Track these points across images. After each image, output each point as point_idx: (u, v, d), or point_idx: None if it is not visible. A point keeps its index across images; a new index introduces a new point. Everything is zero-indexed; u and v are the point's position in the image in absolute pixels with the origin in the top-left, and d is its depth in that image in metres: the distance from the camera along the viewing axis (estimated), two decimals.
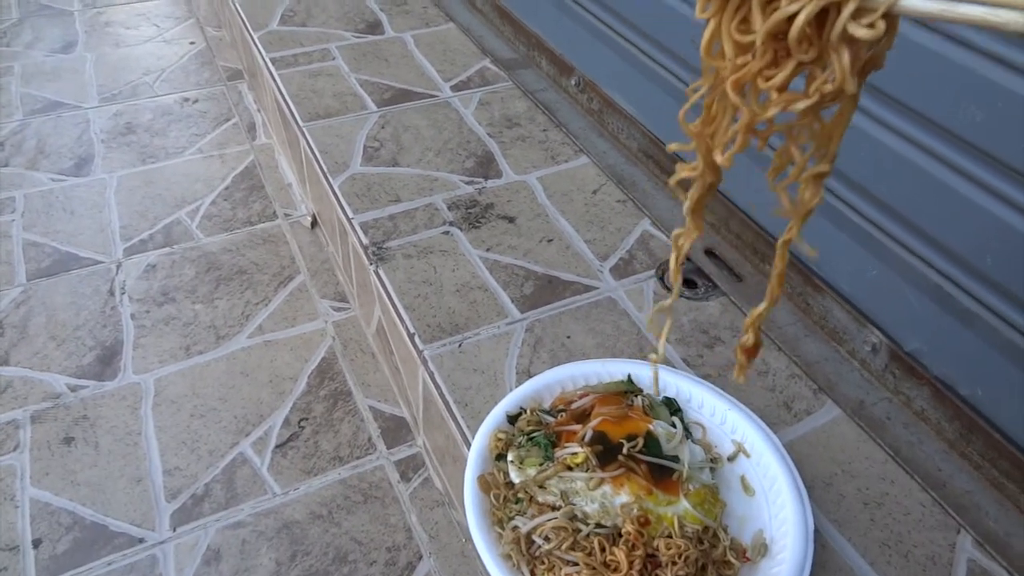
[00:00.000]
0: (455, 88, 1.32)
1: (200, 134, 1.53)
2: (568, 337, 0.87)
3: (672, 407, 0.74)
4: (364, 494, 0.91)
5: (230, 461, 0.95)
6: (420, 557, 0.85)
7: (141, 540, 0.86)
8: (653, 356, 0.49)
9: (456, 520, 0.89)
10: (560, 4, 1.26)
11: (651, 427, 0.68)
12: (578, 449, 0.65)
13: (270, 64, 1.37)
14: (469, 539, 0.86)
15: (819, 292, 0.88)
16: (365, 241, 0.99)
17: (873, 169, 0.77)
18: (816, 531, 0.67)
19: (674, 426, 0.71)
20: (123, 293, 1.17)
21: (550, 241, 1.01)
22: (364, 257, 0.99)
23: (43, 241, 1.26)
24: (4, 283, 1.18)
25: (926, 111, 0.70)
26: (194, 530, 0.87)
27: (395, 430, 0.99)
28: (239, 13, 1.55)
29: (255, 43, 1.45)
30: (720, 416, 0.75)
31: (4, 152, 1.45)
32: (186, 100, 1.64)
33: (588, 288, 0.94)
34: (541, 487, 0.64)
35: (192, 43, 1.85)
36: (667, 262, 0.98)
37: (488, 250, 0.99)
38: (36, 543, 0.86)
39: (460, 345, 0.86)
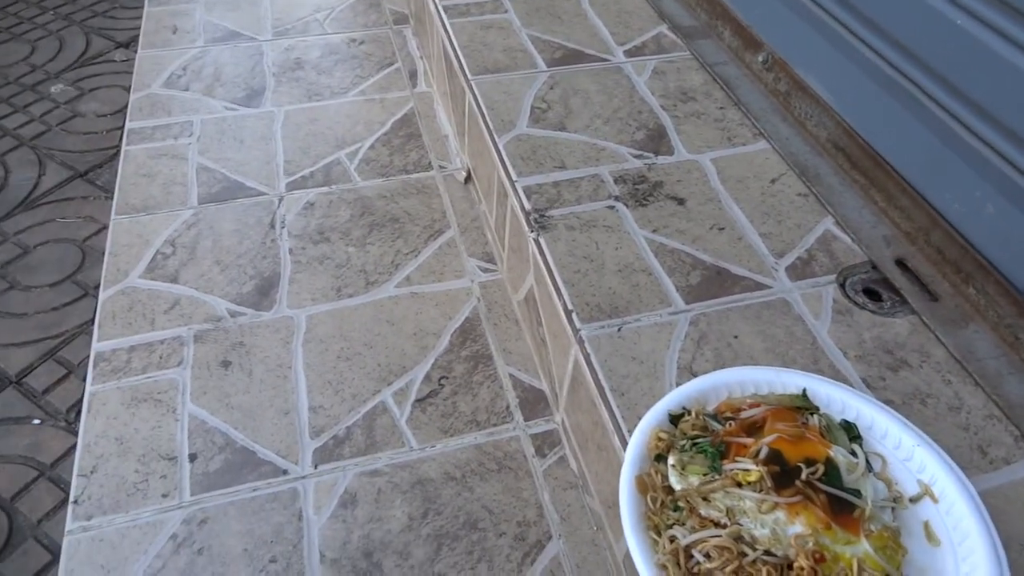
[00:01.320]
0: (628, 53, 1.26)
1: (364, 76, 1.55)
2: (735, 337, 0.81)
3: (852, 432, 0.68)
4: (498, 463, 0.91)
5: (371, 408, 0.96)
6: (550, 537, 0.84)
7: (285, 472, 0.89)
8: None
9: (589, 506, 0.86)
10: None
11: (830, 453, 0.62)
12: (752, 466, 0.60)
13: (442, 12, 1.35)
14: (601, 528, 0.83)
15: None
16: (527, 206, 0.97)
17: None
18: None
19: (854, 455, 0.64)
20: (283, 227, 1.21)
21: (721, 229, 0.94)
22: (524, 223, 0.96)
23: (214, 167, 1.31)
24: (179, 204, 1.24)
25: None
26: (334, 471, 0.89)
27: (533, 402, 0.98)
28: None
29: None
30: (906, 451, 0.68)
31: (186, 77, 1.52)
32: (352, 41, 1.66)
33: (760, 286, 0.87)
34: (705, 499, 0.60)
35: None
36: (851, 268, 0.89)
37: (655, 231, 0.93)
38: (192, 457, 0.90)
39: (619, 329, 0.82)
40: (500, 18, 1.34)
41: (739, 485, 0.60)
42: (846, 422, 0.69)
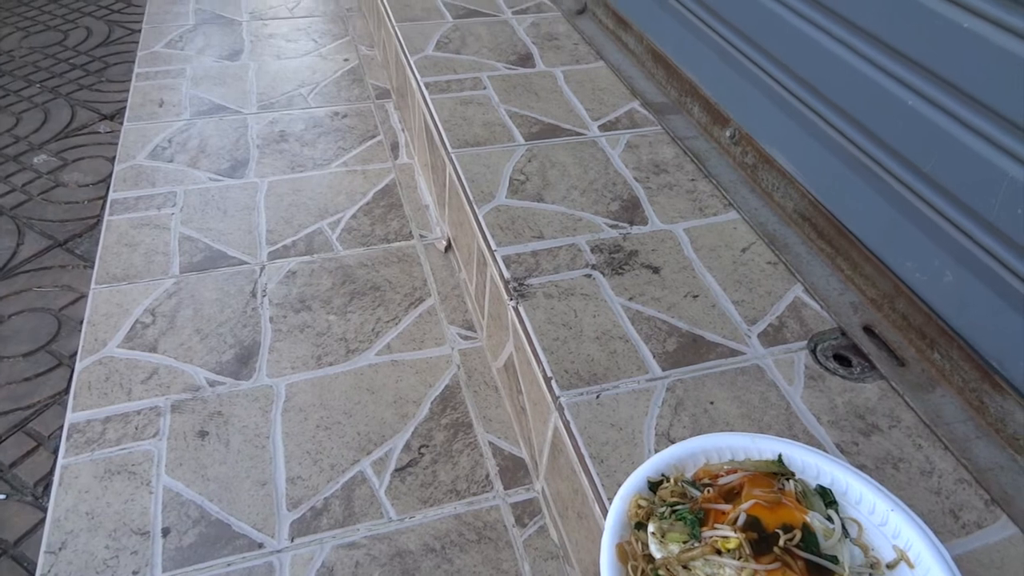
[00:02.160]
0: (603, 128, 1.31)
1: (346, 148, 1.59)
2: (711, 403, 0.83)
3: (827, 498, 0.69)
4: (478, 533, 0.90)
5: (350, 478, 0.95)
6: None
7: (260, 545, 0.88)
8: None
9: None
10: (723, 52, 1.23)
11: (807, 519, 0.63)
12: (731, 533, 0.60)
13: (423, 88, 1.40)
14: None
15: (998, 391, 0.80)
16: (507, 275, 0.99)
17: None
18: None
19: (831, 520, 0.65)
20: (264, 296, 1.22)
21: (695, 297, 0.97)
22: (503, 291, 0.98)
23: (197, 236, 1.33)
24: (160, 273, 1.25)
25: None
26: (311, 544, 0.88)
27: (513, 471, 0.97)
28: (397, 36, 1.60)
29: (410, 66, 1.49)
30: (881, 516, 0.68)
31: (171, 149, 1.55)
32: (336, 114, 1.70)
33: (734, 352, 0.89)
34: (685, 567, 0.60)
35: (346, 60, 1.93)
36: (821, 334, 0.92)
37: (631, 299, 0.96)
38: (165, 531, 0.89)
39: (598, 396, 0.83)
40: (479, 94, 1.39)
41: (719, 552, 0.60)
42: (821, 487, 0.70)
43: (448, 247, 1.33)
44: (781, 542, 0.59)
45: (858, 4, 0.92)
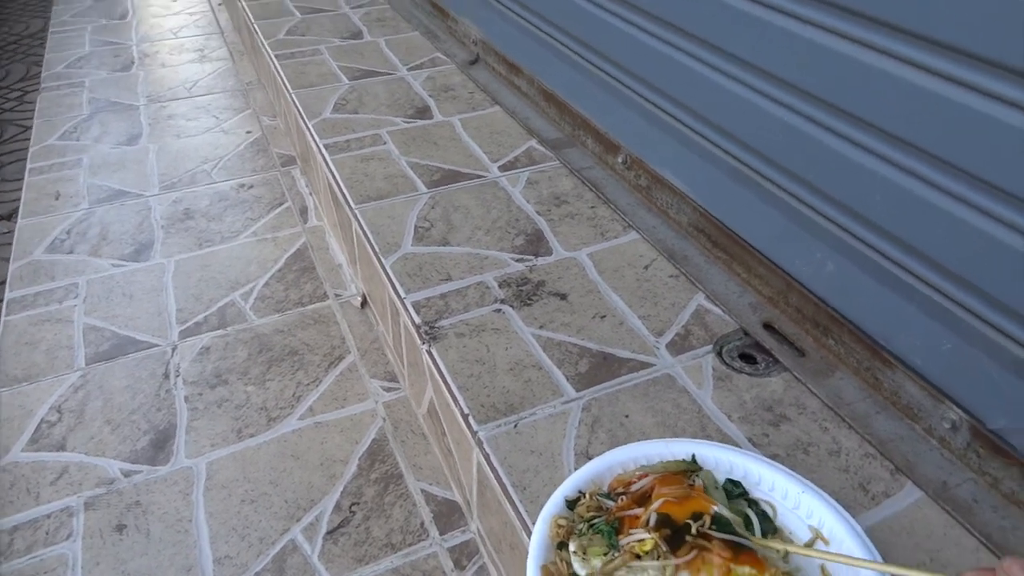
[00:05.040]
0: (503, 168, 1.35)
1: (254, 218, 1.58)
2: (626, 416, 0.84)
3: (737, 490, 0.71)
4: None
5: (280, 549, 0.92)
6: None
7: None
8: None
9: None
10: (605, 85, 1.29)
11: (715, 508, 0.65)
12: (645, 535, 0.61)
13: (323, 150, 1.42)
14: None
15: (889, 367, 0.84)
16: (417, 320, 0.99)
17: (942, 238, 0.74)
18: None
19: (745, 516, 0.67)
20: (177, 376, 1.18)
21: (603, 317, 0.99)
22: (416, 336, 0.99)
23: (103, 325, 1.29)
24: (64, 368, 1.20)
25: (999, 182, 0.68)
26: None
27: (448, 515, 0.96)
28: (295, 103, 1.62)
29: (309, 130, 1.50)
30: (793, 499, 0.71)
31: (70, 240, 1.51)
32: (242, 186, 1.70)
33: (645, 365, 0.91)
34: None
35: (248, 132, 1.93)
36: (725, 337, 0.95)
37: (541, 327, 0.97)
38: None
39: (516, 426, 0.84)
40: (380, 150, 1.41)
41: (638, 557, 0.61)
42: (732, 480, 0.72)
43: (364, 303, 1.33)
44: (693, 530, 0.61)
45: (716, 28, 0.98)
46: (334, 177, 1.35)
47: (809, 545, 0.68)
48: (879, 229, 0.82)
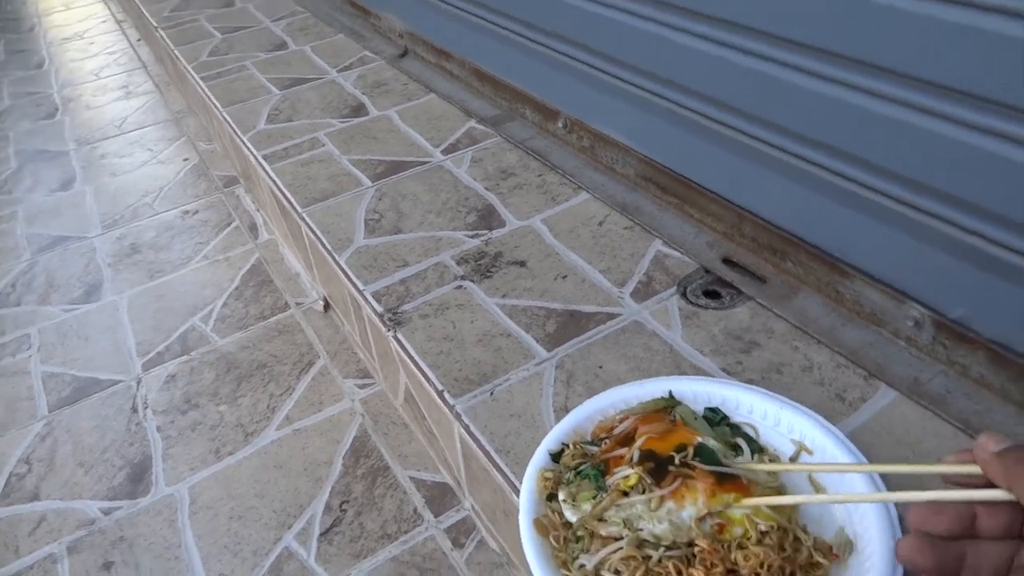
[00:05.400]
0: (445, 151, 1.34)
1: (204, 242, 1.55)
2: (600, 367, 0.84)
3: (717, 416, 0.71)
4: (419, 568, 0.87)
5: (276, 558, 0.90)
6: None
7: None
8: None
9: None
10: (535, 53, 1.29)
11: (699, 440, 0.65)
12: (629, 471, 0.61)
13: (262, 161, 1.39)
14: None
15: (847, 278, 0.85)
16: (379, 309, 0.98)
17: (883, 143, 0.75)
18: (900, 517, 0.62)
19: (734, 445, 0.67)
20: (146, 408, 1.15)
21: (564, 278, 0.99)
22: (381, 325, 0.97)
23: (61, 371, 1.25)
24: (27, 419, 1.16)
25: (929, 76, 0.69)
26: None
27: (440, 497, 0.95)
28: (228, 122, 1.59)
29: (245, 145, 1.48)
30: (773, 418, 0.71)
31: (16, 292, 1.47)
32: (186, 213, 1.66)
33: (612, 316, 0.91)
34: (600, 520, 0.60)
35: (186, 159, 1.89)
36: (687, 277, 0.96)
37: (504, 297, 0.97)
38: None
39: (492, 393, 0.83)
40: (319, 152, 1.39)
41: (625, 494, 0.60)
42: (711, 409, 0.72)
43: (327, 306, 1.31)
44: (676, 461, 0.61)
45: None
46: (276, 185, 1.32)
47: (794, 459, 0.68)
48: (820, 144, 0.82)
